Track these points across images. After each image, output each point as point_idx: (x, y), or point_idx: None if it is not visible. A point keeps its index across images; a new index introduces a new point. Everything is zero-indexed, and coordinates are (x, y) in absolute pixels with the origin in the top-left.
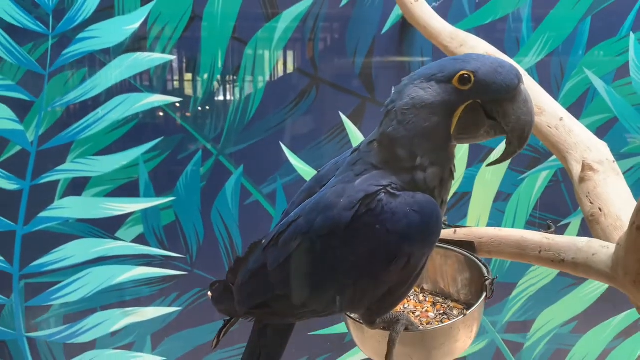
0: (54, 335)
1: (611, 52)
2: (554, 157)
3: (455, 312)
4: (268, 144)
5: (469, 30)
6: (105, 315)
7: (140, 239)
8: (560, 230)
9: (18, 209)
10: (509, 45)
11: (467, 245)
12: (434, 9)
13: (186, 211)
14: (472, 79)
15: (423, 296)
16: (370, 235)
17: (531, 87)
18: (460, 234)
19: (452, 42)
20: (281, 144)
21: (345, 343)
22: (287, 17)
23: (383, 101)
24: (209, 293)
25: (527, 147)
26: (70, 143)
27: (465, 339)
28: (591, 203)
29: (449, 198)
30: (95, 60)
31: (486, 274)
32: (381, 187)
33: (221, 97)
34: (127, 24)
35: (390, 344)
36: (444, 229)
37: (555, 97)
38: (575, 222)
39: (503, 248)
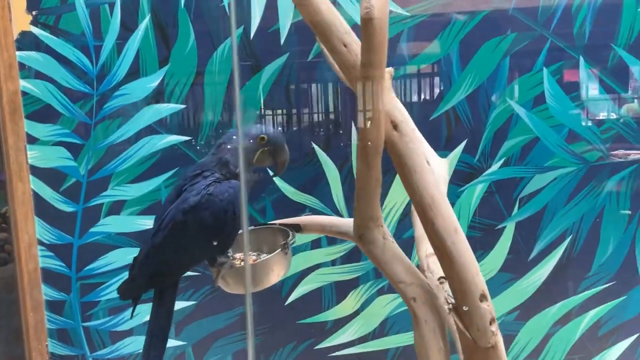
0: (102, 324)
1: (529, 84)
2: (487, 171)
3: None
4: (257, 169)
5: (412, 74)
6: (139, 308)
7: None
8: (498, 233)
9: (74, 226)
10: (444, 82)
11: (296, 226)
12: None
13: None
14: (266, 138)
15: (259, 257)
16: (210, 205)
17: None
18: (296, 220)
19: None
20: (268, 169)
21: (326, 330)
22: (269, 70)
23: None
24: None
25: (463, 163)
26: (111, 174)
27: (267, 276)
28: None
29: None
30: (127, 111)
31: (290, 239)
32: (212, 181)
33: (220, 134)
34: (149, 83)
35: (217, 275)
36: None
37: (485, 123)
38: (510, 225)
39: (314, 227)
